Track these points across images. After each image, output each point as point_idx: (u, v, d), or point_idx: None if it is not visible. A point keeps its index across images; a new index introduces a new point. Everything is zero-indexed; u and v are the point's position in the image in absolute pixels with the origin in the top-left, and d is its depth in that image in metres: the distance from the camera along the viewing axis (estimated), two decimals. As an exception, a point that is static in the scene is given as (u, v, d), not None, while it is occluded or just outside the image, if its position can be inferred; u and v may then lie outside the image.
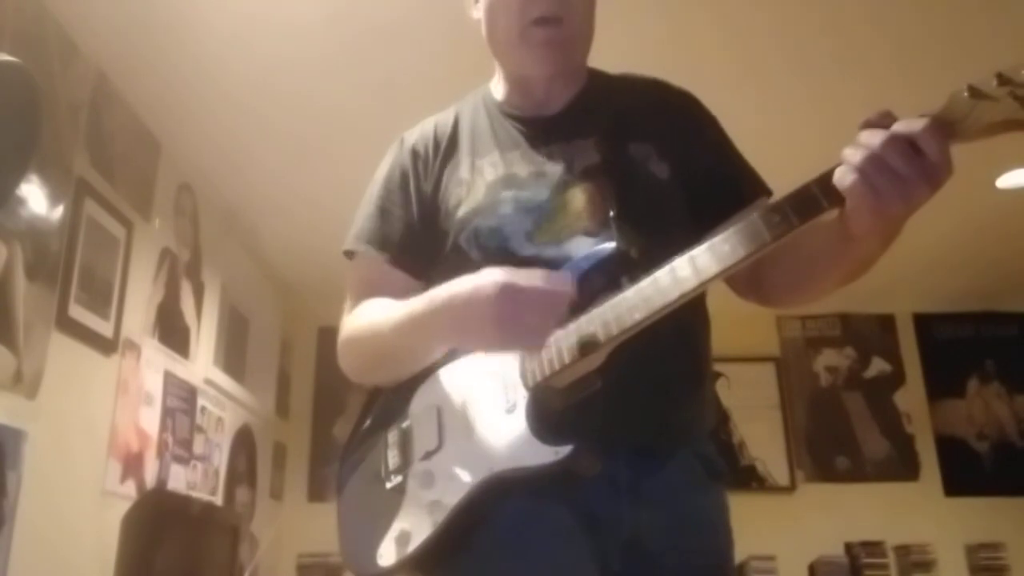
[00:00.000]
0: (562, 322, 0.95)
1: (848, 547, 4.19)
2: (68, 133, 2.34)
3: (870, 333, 4.73)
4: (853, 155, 0.82)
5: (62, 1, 2.23)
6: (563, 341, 0.96)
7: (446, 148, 1.21)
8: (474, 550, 0.99)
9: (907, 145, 0.80)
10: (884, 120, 0.83)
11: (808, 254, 0.99)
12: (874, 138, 0.81)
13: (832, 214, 0.87)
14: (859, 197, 0.82)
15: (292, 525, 4.14)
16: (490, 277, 0.94)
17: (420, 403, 1.10)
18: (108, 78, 2.56)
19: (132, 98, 2.69)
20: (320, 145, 3.01)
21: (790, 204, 0.87)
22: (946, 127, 0.80)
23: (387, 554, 1.03)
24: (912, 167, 0.80)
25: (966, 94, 0.78)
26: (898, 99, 0.93)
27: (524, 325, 0.92)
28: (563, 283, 0.94)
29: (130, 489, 2.59)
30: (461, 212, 1.13)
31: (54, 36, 2.27)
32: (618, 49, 1.47)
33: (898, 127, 0.81)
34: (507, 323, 0.92)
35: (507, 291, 0.92)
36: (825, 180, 0.85)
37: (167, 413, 2.90)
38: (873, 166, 0.81)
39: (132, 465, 2.62)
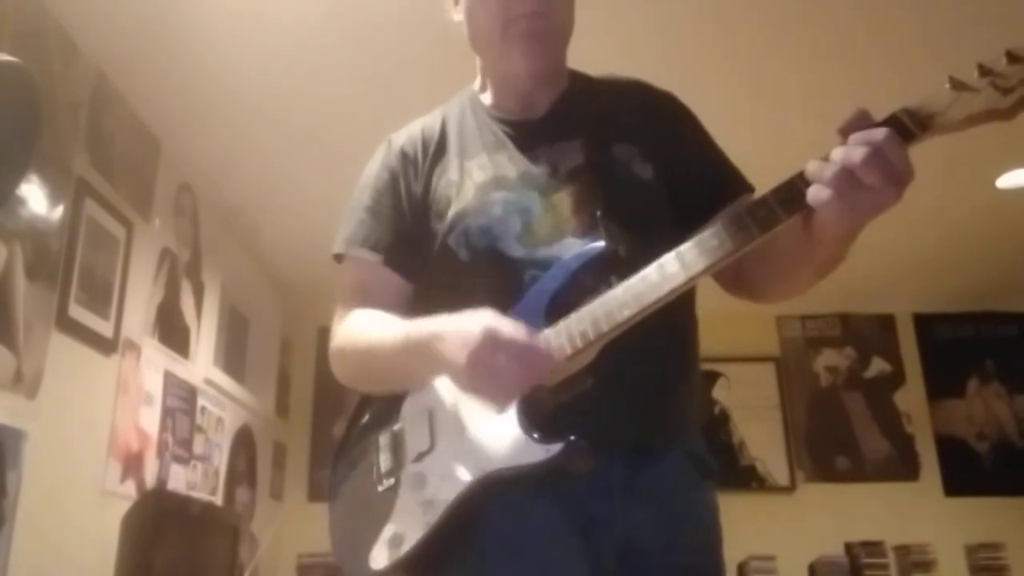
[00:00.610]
0: (538, 386, 0.95)
1: (848, 547, 4.19)
2: (68, 133, 2.35)
3: (870, 333, 4.73)
4: (823, 172, 0.83)
5: (62, 1, 2.24)
6: (553, 340, 0.96)
7: (435, 150, 1.21)
8: (466, 551, 0.99)
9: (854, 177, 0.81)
10: (861, 121, 0.83)
11: (781, 252, 0.99)
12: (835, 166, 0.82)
13: None
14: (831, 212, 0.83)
15: (292, 525, 4.15)
16: (479, 319, 0.94)
17: (411, 405, 1.10)
18: (108, 78, 2.56)
19: (132, 98, 2.70)
20: (321, 144, 3.01)
21: (776, 198, 0.87)
22: (926, 120, 0.80)
23: (380, 556, 1.03)
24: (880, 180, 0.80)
25: (948, 85, 0.79)
26: (886, 89, 0.93)
27: (496, 372, 0.92)
28: (548, 349, 0.94)
29: (130, 489, 2.60)
30: (451, 213, 1.13)
31: (54, 36, 2.27)
32: (605, 43, 1.47)
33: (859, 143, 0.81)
34: (479, 366, 0.92)
35: (489, 334, 0.92)
36: None
37: (167, 413, 2.91)
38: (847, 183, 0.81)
39: (132, 465, 2.63)
